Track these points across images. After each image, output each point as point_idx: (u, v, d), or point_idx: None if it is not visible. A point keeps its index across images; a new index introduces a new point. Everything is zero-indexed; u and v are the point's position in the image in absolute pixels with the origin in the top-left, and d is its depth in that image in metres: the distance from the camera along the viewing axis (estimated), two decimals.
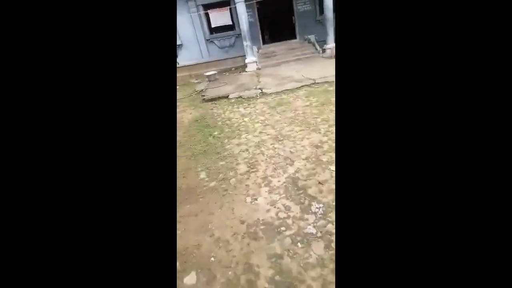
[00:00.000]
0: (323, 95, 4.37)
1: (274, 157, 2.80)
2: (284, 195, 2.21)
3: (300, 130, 3.29)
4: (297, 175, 2.45)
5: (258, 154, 2.92)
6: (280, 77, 6.23)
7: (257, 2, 8.85)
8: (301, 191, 2.23)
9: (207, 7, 8.83)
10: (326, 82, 5.17)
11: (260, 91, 5.36)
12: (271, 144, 3.07)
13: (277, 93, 5.09)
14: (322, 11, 8.50)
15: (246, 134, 3.43)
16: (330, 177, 2.35)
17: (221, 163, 2.84)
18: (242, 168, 2.69)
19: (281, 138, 3.17)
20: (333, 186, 2.22)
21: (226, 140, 3.36)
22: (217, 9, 8.82)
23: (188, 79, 8.37)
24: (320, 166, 2.51)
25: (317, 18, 9.13)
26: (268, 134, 3.34)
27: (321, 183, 2.29)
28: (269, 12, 10.30)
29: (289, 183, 2.35)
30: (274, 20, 10.77)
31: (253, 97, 5.13)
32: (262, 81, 6.21)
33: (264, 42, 9.87)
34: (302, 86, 5.18)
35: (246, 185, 2.40)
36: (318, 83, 5.20)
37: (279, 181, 2.40)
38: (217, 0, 8.74)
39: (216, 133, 3.62)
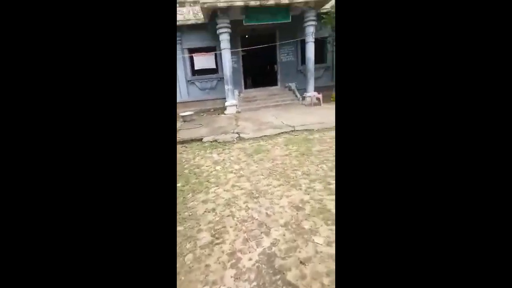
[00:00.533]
0: (303, 144, 4.09)
1: (247, 221, 2.27)
2: (255, 282, 1.65)
3: (279, 185, 2.85)
4: (273, 249, 1.92)
5: (228, 216, 2.37)
6: (259, 122, 6.02)
7: (242, 49, 9.19)
8: (278, 276, 1.68)
9: (192, 51, 8.97)
10: (306, 130, 4.98)
11: (237, 135, 5.02)
12: (244, 203, 2.56)
13: (255, 139, 4.77)
14: (303, 61, 8.95)
15: (216, 188, 2.90)
16: (314, 253, 1.85)
17: (179, 228, 2.24)
18: (205, 237, 2.11)
19: (257, 195, 2.69)
20: (319, 268, 1.71)
21: (190, 195, 2.80)
22: (203, 53, 8.97)
23: None
24: (302, 237, 2.02)
25: (298, 68, 9.58)
26: (241, 189, 2.84)
27: (303, 263, 1.77)
28: (254, 59, 10.74)
29: (263, 263, 1.79)
30: (257, 66, 11.20)
31: (229, 141, 4.75)
32: (241, 125, 5.94)
33: (246, 87, 10.02)
34: (282, 133, 4.94)
35: (206, 265, 1.81)
36: (297, 130, 5.00)
37: (250, 259, 1.84)
38: (203, 45, 8.94)
39: (179, 184, 3.06)
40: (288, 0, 6.89)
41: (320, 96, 7.43)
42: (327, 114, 6.11)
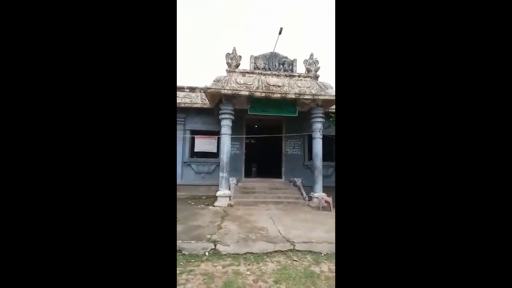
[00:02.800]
0: (303, 284, 2.55)
1: None
2: None
3: None
4: None
5: None
6: (250, 226, 4.60)
7: (246, 136, 8.74)
8: None
9: (195, 132, 8.61)
10: (310, 251, 3.47)
11: (213, 246, 3.56)
12: None
13: (235, 256, 3.28)
14: (310, 157, 8.15)
15: None
16: None
17: None
18: None
19: None
20: None
21: None
22: (205, 136, 8.57)
23: None
24: None
25: (305, 163, 8.73)
26: None
27: None
28: (258, 148, 10.22)
29: None
30: (261, 155, 10.56)
31: (197, 255, 3.28)
32: (225, 227, 4.53)
33: (247, 175, 9.04)
34: (275, 251, 3.45)
35: None
36: (298, 250, 3.50)
37: None
38: (206, 129, 8.63)
39: None
40: (294, 95, 6.70)
41: (330, 199, 6.14)
42: None
